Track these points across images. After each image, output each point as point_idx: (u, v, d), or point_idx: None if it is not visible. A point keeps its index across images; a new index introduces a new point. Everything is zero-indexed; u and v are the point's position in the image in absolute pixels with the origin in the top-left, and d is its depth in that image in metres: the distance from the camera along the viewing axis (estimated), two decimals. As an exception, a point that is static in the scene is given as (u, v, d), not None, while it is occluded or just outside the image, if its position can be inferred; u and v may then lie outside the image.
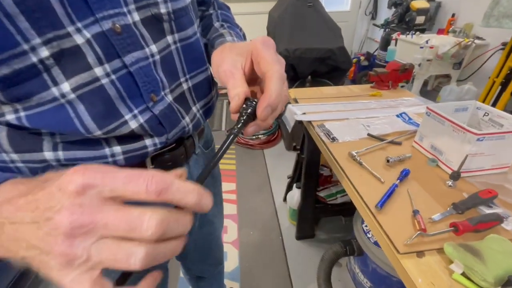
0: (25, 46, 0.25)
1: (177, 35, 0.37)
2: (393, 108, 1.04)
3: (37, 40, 0.25)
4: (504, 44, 1.82)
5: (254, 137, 2.28)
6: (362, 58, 3.42)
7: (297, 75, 2.02)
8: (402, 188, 0.64)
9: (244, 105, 0.30)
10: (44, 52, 0.25)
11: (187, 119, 0.41)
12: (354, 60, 3.36)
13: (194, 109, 0.42)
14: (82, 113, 0.30)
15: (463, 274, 0.44)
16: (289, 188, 1.53)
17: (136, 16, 0.31)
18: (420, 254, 0.49)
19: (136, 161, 0.37)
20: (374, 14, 3.65)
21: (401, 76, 1.26)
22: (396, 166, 0.71)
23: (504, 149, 0.64)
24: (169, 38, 0.36)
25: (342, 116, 0.98)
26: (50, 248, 0.18)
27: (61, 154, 0.32)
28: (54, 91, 0.28)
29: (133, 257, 0.18)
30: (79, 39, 0.27)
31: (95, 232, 0.18)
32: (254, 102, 0.30)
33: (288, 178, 1.51)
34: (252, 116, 0.30)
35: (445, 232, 0.51)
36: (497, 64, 1.71)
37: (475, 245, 0.46)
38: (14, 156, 0.31)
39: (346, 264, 1.17)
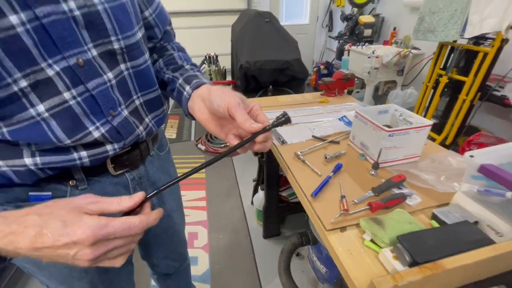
0: (9, 80, 0.32)
1: (129, 63, 0.45)
2: (336, 112, 1.20)
3: (18, 75, 0.32)
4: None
5: (223, 145, 2.36)
6: (322, 67, 3.68)
7: (259, 85, 2.15)
8: (335, 179, 0.76)
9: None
10: (23, 83, 0.33)
11: (141, 128, 0.49)
12: (315, 69, 3.61)
13: (146, 120, 0.51)
14: (54, 128, 0.37)
15: (372, 240, 0.57)
16: (255, 190, 1.62)
17: (94, 52, 0.39)
18: (343, 229, 0.61)
19: (99, 163, 0.44)
20: (330, 27, 3.97)
21: (345, 84, 1.44)
22: (333, 162, 0.84)
23: (412, 142, 0.79)
24: (122, 66, 0.44)
25: (293, 122, 1.10)
26: (79, 263, 0.31)
27: (38, 159, 0.38)
28: (32, 111, 0.35)
29: (133, 246, 0.35)
30: (50, 72, 0.35)
31: (106, 251, 0.31)
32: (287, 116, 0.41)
33: (254, 181, 1.61)
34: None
35: (362, 210, 0.63)
36: (428, 71, 1.98)
37: (381, 217, 0.59)
38: (1, 164, 0.37)
39: (307, 255, 1.28)
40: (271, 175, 1.34)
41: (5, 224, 0.29)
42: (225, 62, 3.27)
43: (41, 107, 0.35)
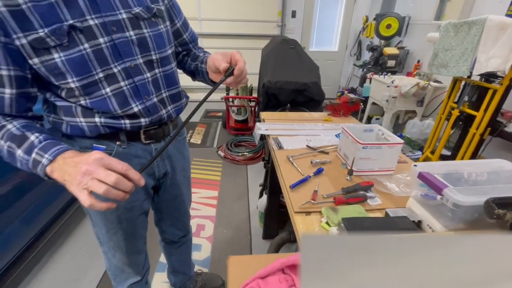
0: (94, 72, 0.56)
1: (161, 68, 0.68)
2: (336, 130, 1.35)
3: (99, 69, 0.56)
4: (453, 87, 2.17)
5: (240, 154, 2.57)
6: (346, 92, 3.82)
7: (279, 103, 2.37)
8: (314, 179, 0.92)
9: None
10: (101, 74, 0.57)
11: (163, 111, 0.71)
12: (338, 94, 3.76)
13: (169, 107, 0.73)
14: (113, 102, 0.61)
15: (327, 223, 0.71)
16: (261, 195, 1.78)
17: (141, 60, 0.63)
18: (308, 213, 0.76)
19: (136, 130, 0.67)
20: (358, 56, 4.13)
21: (351, 107, 1.59)
22: (317, 166, 1.00)
23: (386, 156, 0.92)
24: (156, 70, 0.67)
25: (294, 133, 1.28)
26: (75, 175, 0.47)
27: (103, 120, 0.62)
28: (103, 91, 0.59)
29: (104, 187, 0.46)
30: (115, 70, 0.59)
31: (93, 175, 0.46)
32: (232, 68, 0.65)
33: (260, 186, 1.77)
34: (230, 74, 0.66)
35: (327, 202, 0.78)
36: (442, 104, 2.04)
37: (339, 208, 0.74)
38: (82, 120, 0.61)
39: (298, 257, 1.39)
40: (273, 180, 1.51)
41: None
42: (253, 81, 3.57)
43: (108, 89, 0.59)
